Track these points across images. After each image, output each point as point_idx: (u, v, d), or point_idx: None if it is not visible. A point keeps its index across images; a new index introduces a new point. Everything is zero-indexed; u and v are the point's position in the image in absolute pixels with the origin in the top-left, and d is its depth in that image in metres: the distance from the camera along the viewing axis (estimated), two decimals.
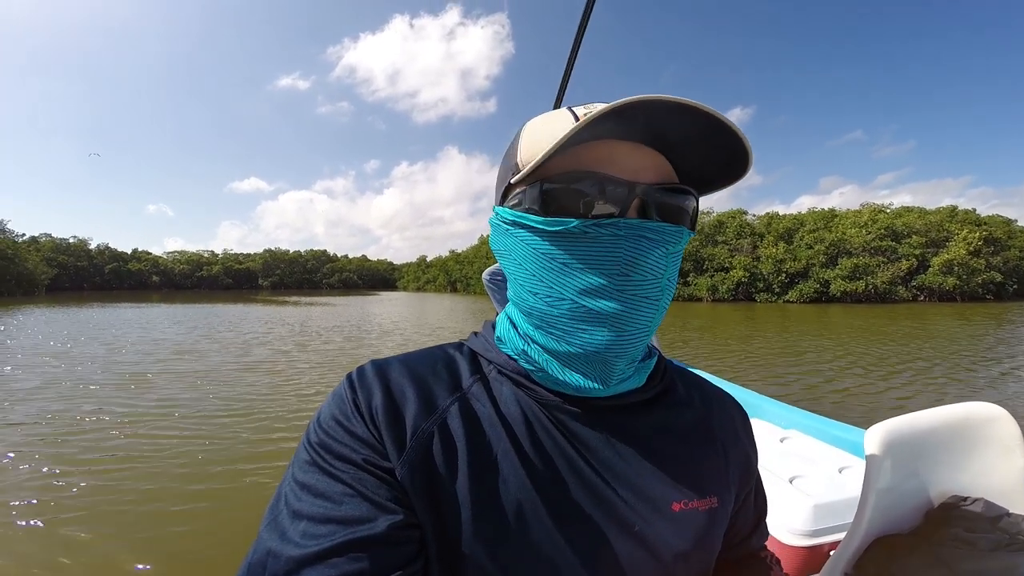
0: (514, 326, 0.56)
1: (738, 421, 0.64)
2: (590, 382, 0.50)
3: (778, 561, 0.69)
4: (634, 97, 0.42)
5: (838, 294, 44.91)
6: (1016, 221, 58.21)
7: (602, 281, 0.47)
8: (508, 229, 0.53)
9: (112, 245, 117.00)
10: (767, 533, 0.69)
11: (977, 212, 55.14)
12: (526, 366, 0.53)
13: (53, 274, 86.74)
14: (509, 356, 0.55)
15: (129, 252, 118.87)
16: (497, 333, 0.58)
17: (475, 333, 0.61)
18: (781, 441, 2.22)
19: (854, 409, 6.59)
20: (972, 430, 1.09)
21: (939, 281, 44.77)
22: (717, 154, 0.49)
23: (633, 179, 0.47)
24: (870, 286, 44.83)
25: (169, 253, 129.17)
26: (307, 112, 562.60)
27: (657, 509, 0.51)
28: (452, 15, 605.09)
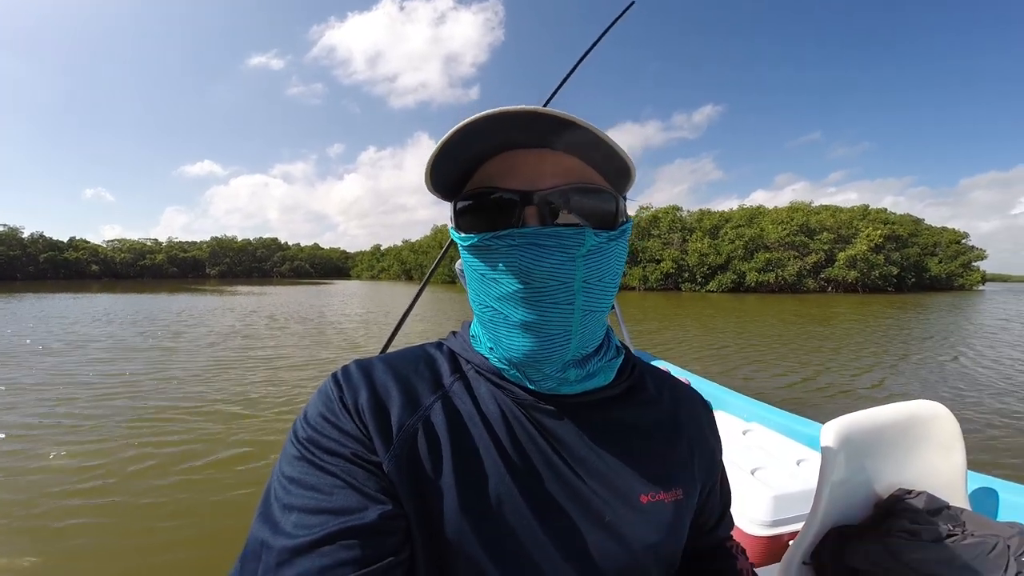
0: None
1: (704, 418, 0.66)
2: (536, 383, 0.54)
3: (743, 550, 0.73)
4: (471, 118, 0.44)
5: (753, 284, 48.60)
6: (924, 220, 64.08)
7: (509, 290, 0.50)
8: None
9: (47, 233, 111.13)
10: (732, 523, 0.73)
11: (888, 211, 60.34)
12: (497, 365, 0.55)
13: None
14: (484, 355, 0.57)
15: (65, 240, 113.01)
16: (472, 331, 0.61)
17: (454, 333, 0.64)
18: (744, 433, 2.26)
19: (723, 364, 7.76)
20: (917, 427, 1.13)
21: (843, 274, 48.99)
22: (596, 150, 0.49)
23: (530, 187, 0.48)
24: (780, 278, 48.75)
25: (109, 241, 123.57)
26: (277, 93, 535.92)
27: (626, 501, 0.53)
28: None
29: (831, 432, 1.06)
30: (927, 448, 1.16)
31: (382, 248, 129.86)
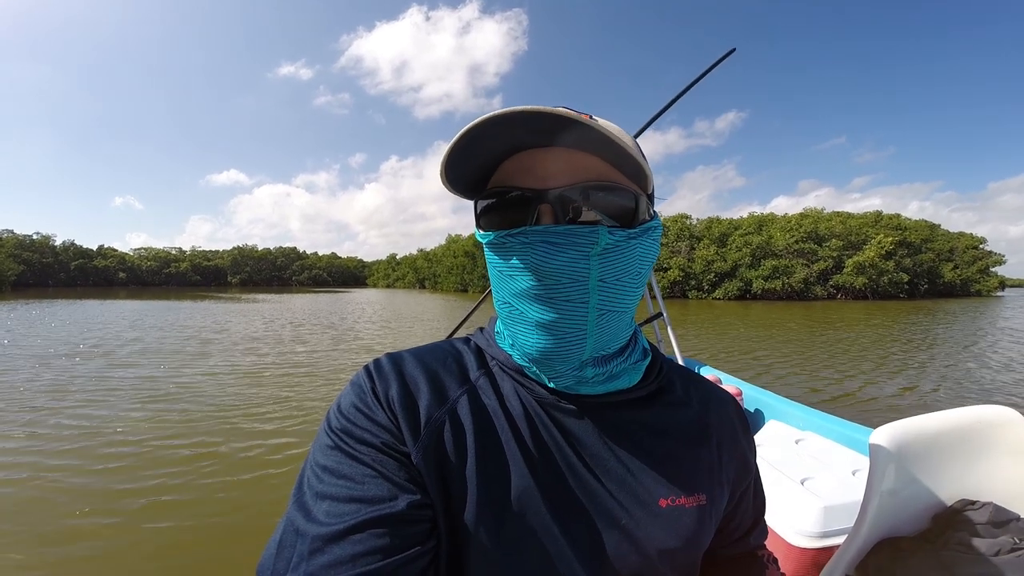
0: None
1: (737, 421, 0.64)
2: (554, 380, 0.54)
3: (775, 560, 0.71)
4: (478, 119, 0.45)
5: (759, 292, 48.80)
6: (940, 225, 63.48)
7: (524, 287, 0.50)
8: None
9: (77, 241, 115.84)
10: (766, 532, 0.70)
11: (902, 217, 59.72)
12: (519, 362, 0.56)
13: (20, 271, 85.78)
14: (507, 352, 0.58)
15: (95, 248, 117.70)
16: (497, 328, 0.61)
17: (480, 329, 0.64)
18: (796, 442, 2.19)
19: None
20: (983, 433, 1.06)
21: (851, 280, 48.98)
22: (611, 148, 0.47)
23: (544, 185, 0.49)
24: (787, 285, 48.91)
25: (136, 250, 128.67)
26: (305, 103, 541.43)
27: (644, 505, 0.52)
28: (471, 8, 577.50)
29: (881, 438, 1.01)
30: (995, 456, 1.07)
31: (397, 257, 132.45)
